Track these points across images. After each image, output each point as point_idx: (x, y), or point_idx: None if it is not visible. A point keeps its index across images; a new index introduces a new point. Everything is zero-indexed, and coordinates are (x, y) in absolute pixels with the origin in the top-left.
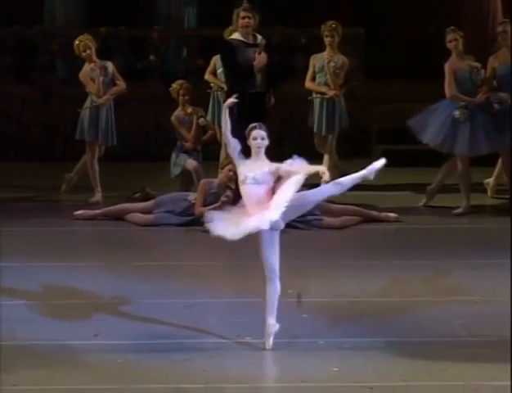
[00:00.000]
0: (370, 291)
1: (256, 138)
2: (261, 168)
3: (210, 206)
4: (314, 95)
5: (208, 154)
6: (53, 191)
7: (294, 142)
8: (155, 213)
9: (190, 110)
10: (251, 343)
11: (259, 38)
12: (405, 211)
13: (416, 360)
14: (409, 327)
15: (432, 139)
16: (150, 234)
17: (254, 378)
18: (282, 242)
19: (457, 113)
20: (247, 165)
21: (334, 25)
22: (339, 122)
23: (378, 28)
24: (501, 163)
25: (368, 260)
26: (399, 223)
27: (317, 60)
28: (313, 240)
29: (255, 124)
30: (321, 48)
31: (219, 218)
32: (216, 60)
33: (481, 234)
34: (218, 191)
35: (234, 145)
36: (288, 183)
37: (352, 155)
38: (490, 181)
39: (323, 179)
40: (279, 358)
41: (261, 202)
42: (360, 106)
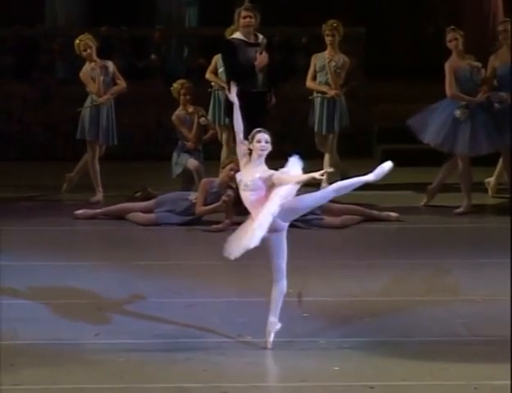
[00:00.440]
0: (370, 291)
1: (260, 141)
2: (253, 175)
3: (211, 206)
4: (315, 94)
5: (209, 153)
6: (54, 190)
7: (295, 142)
8: (156, 212)
9: (191, 109)
10: (252, 342)
11: (260, 38)
12: (406, 211)
13: (417, 360)
14: (410, 327)
15: (432, 139)
16: (151, 233)
17: (255, 377)
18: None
19: (458, 112)
20: (245, 170)
21: (335, 25)
22: (340, 121)
23: (378, 27)
24: (502, 162)
25: (369, 260)
26: (400, 222)
27: (318, 59)
28: (314, 239)
29: (260, 129)
30: (322, 48)
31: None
32: (217, 59)
33: (482, 233)
34: (219, 190)
35: (241, 151)
36: (275, 194)
37: (352, 154)
38: (491, 180)
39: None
40: (279, 357)
41: (254, 208)
42: (360, 106)
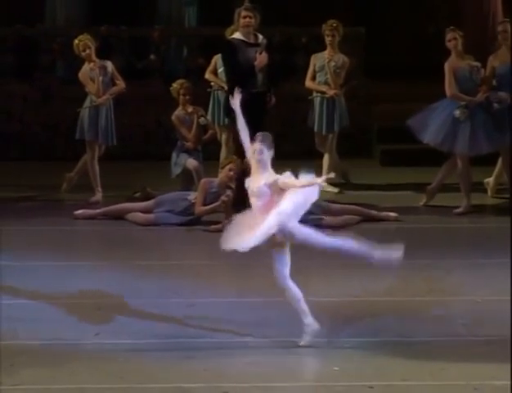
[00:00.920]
0: (371, 291)
1: (255, 151)
2: (258, 181)
3: (210, 206)
4: (314, 94)
5: (208, 153)
6: (54, 190)
7: (295, 142)
8: (156, 212)
9: (190, 109)
10: (252, 342)
11: (260, 38)
12: (405, 210)
13: (417, 360)
14: (410, 327)
15: (432, 138)
16: (151, 233)
17: (255, 377)
18: None
19: (457, 112)
20: (253, 176)
21: (334, 25)
22: (339, 121)
23: (378, 27)
24: (501, 162)
25: (368, 260)
26: (399, 222)
27: (318, 59)
28: None
29: (258, 135)
30: (322, 47)
31: (235, 231)
32: (217, 59)
33: (481, 234)
34: (219, 190)
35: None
36: (287, 198)
37: (352, 154)
38: (490, 180)
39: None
40: (280, 357)
41: (261, 213)
42: (360, 106)
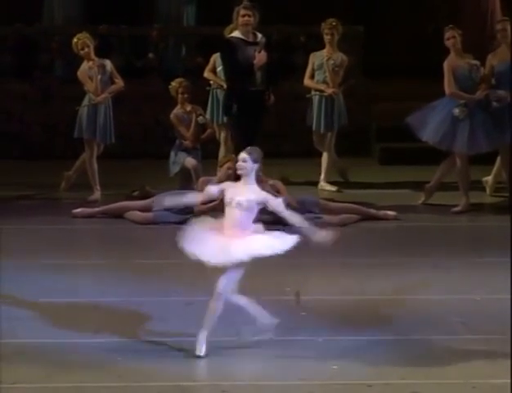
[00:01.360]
0: (369, 289)
1: (238, 160)
2: (248, 195)
3: (209, 204)
4: (313, 92)
5: (207, 152)
6: (53, 189)
7: (294, 140)
8: (154, 211)
9: (189, 108)
10: (251, 341)
11: (259, 37)
12: (404, 209)
13: (415, 358)
14: (408, 325)
15: (431, 137)
16: (149, 232)
17: (254, 376)
18: None
19: (457, 111)
20: (236, 188)
21: (334, 23)
22: (338, 120)
23: (377, 26)
24: (500, 161)
25: (367, 258)
26: (398, 221)
27: (317, 57)
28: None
29: (247, 148)
30: (321, 46)
31: (197, 238)
32: (215, 58)
33: (480, 232)
34: None
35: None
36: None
37: (351, 153)
38: (489, 179)
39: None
40: (278, 356)
41: (240, 227)
42: (359, 104)
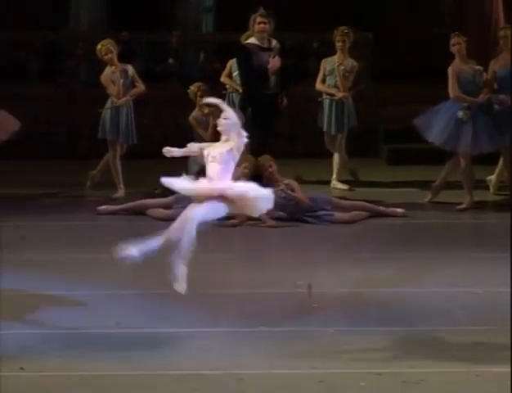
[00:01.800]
0: (377, 283)
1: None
2: (221, 149)
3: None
4: (324, 96)
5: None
6: (78, 187)
7: (306, 141)
8: (175, 208)
9: (207, 110)
10: (264, 331)
11: (274, 43)
12: (411, 207)
13: (422, 348)
14: (415, 317)
15: (436, 138)
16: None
17: (268, 365)
18: (294, 236)
19: (460, 113)
20: (214, 146)
21: (345, 31)
22: (348, 122)
23: (385, 33)
24: (502, 161)
25: (376, 253)
26: (405, 217)
27: (328, 63)
28: (323, 234)
29: (232, 109)
30: (332, 52)
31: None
32: (232, 63)
33: (483, 229)
34: None
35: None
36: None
37: (360, 153)
38: (492, 178)
39: None
40: (291, 346)
41: (217, 180)
42: (368, 107)
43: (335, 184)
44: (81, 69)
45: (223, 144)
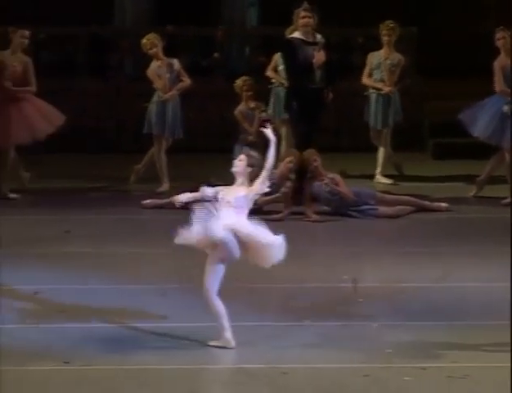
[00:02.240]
0: (422, 277)
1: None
2: (237, 193)
3: (271, 197)
4: (370, 90)
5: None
6: (123, 181)
7: (351, 135)
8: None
9: (252, 104)
10: (310, 326)
11: (318, 37)
12: (456, 201)
13: (466, 342)
14: (459, 311)
15: (481, 132)
16: None
17: (313, 359)
18: (339, 230)
19: (506, 108)
20: (229, 189)
21: (392, 25)
22: (394, 116)
23: (430, 27)
24: None
25: (420, 248)
26: (450, 212)
27: (374, 57)
28: (368, 228)
29: (248, 152)
30: (377, 47)
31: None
32: (277, 57)
33: None
34: (279, 182)
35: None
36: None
37: (405, 147)
38: None
39: None
40: (335, 340)
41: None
42: (413, 102)
43: (379, 179)
44: (126, 63)
45: (238, 188)
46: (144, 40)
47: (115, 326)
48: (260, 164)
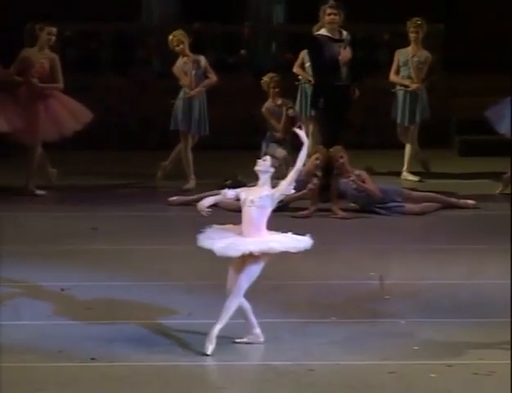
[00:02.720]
0: (449, 274)
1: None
2: (260, 193)
3: (298, 193)
4: (397, 87)
5: (296, 143)
6: (149, 178)
7: (377, 132)
8: None
9: (280, 101)
10: (336, 323)
11: (345, 34)
12: (482, 198)
13: (492, 339)
14: (486, 308)
15: (508, 129)
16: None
17: (339, 356)
18: (365, 227)
19: None
20: (250, 189)
21: (419, 22)
22: (421, 113)
23: (457, 23)
24: None
25: (447, 245)
26: (477, 209)
27: (402, 54)
28: (395, 225)
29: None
30: (403, 44)
31: (215, 233)
32: (304, 54)
33: None
34: (305, 178)
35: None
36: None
37: (432, 144)
38: None
39: None
40: (361, 337)
41: (255, 225)
42: (439, 99)
43: (406, 176)
44: (153, 59)
45: (261, 188)
46: (171, 37)
47: (142, 323)
48: (287, 161)
